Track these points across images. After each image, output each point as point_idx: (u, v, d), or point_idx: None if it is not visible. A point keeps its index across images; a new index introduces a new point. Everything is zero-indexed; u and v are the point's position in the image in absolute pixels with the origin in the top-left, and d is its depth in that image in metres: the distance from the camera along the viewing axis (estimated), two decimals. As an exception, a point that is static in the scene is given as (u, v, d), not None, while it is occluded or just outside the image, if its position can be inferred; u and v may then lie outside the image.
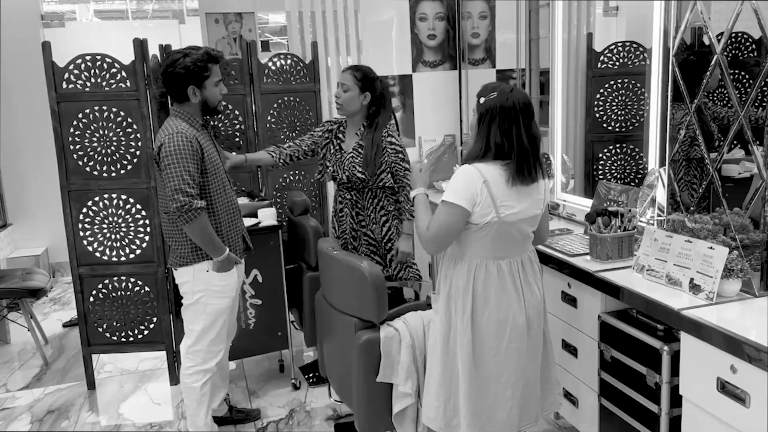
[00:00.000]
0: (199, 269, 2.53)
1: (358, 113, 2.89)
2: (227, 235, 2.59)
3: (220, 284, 2.56)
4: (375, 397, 2.28)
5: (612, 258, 2.32)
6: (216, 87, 2.54)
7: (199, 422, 2.66)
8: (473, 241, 1.98)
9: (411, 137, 4.20)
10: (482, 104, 1.95)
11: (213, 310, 2.58)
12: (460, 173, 1.96)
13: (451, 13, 4.13)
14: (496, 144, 1.92)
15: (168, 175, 2.38)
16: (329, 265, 2.46)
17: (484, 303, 2.00)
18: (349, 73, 2.84)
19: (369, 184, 2.87)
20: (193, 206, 2.38)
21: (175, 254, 2.56)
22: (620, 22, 3.15)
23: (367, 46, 4.01)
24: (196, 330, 2.60)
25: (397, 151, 2.86)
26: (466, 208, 1.92)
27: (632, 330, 2.09)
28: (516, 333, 2.01)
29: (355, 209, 2.94)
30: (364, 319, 2.30)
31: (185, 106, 2.51)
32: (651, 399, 2.02)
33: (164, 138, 2.41)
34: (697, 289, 1.95)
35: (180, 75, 2.44)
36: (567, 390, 2.51)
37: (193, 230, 2.43)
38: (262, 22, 6.38)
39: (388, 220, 2.94)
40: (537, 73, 3.44)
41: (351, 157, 2.88)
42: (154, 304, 3.34)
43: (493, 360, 2.02)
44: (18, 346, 4.11)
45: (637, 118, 2.96)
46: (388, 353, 2.24)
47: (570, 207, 3.07)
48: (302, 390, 3.31)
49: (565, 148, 3.19)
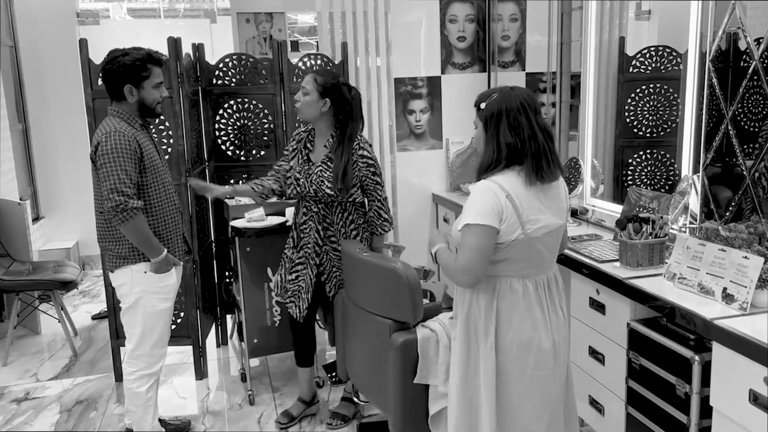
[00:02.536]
0: (137, 270, 2.50)
1: (320, 120, 2.73)
2: (166, 235, 2.57)
3: (158, 285, 2.54)
4: (411, 399, 2.27)
5: (642, 265, 2.30)
6: (155, 89, 2.52)
7: (146, 426, 2.64)
8: (497, 260, 1.86)
9: (438, 139, 4.20)
10: (485, 109, 1.86)
11: (152, 312, 2.56)
12: (479, 191, 1.83)
13: (481, 15, 4.11)
14: (508, 145, 1.82)
15: (104, 174, 2.37)
16: (357, 267, 2.46)
17: (507, 325, 1.88)
18: (311, 77, 2.70)
19: (339, 199, 2.72)
20: (129, 206, 2.37)
21: (110, 256, 2.53)
22: (652, 26, 3.11)
23: (397, 47, 4.02)
24: (136, 333, 2.57)
25: (369, 164, 2.72)
26: (494, 226, 1.80)
27: (662, 339, 2.06)
28: (542, 359, 1.89)
29: (323, 224, 2.77)
30: (398, 321, 2.29)
31: (122, 105, 2.50)
32: (680, 409, 1.99)
33: (101, 137, 2.40)
34: (730, 299, 1.91)
35: (118, 73, 2.44)
36: (592, 397, 2.49)
37: (129, 230, 2.41)
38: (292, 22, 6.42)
39: (358, 234, 2.80)
40: (568, 76, 3.41)
41: (320, 170, 2.71)
42: (182, 299, 3.38)
43: (515, 390, 1.90)
44: (48, 337, 4.20)
45: (669, 124, 2.91)
46: (425, 354, 2.21)
47: (599, 212, 3.04)
48: (325, 388, 3.32)
49: (595, 152, 3.16)
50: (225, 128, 3.63)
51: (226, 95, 3.57)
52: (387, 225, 2.82)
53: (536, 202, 1.85)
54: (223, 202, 3.52)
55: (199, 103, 3.54)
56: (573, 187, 3.07)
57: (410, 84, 4.12)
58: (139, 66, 2.45)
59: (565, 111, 3.47)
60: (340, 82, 2.73)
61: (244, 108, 3.59)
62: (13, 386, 3.50)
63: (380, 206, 2.80)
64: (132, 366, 2.60)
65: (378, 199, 2.79)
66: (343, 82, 2.75)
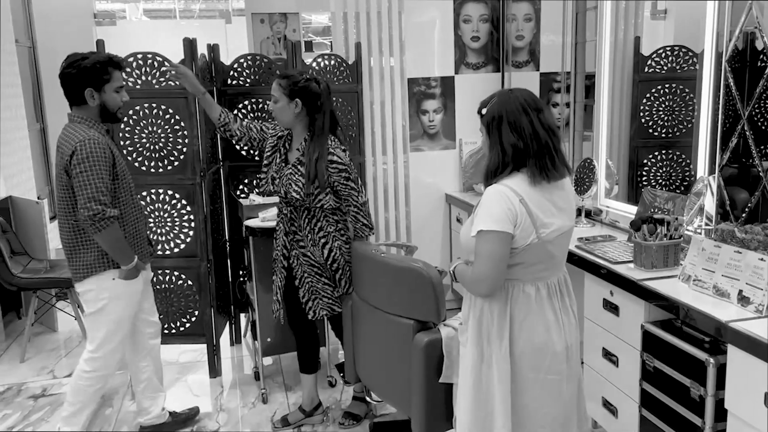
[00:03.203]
0: (105, 278, 2.51)
1: (296, 123, 2.66)
2: (133, 240, 2.59)
3: (124, 291, 2.56)
4: (435, 399, 2.27)
5: (657, 267, 2.28)
6: (116, 93, 2.51)
7: (77, 423, 2.66)
8: (510, 263, 1.83)
9: (451, 139, 4.20)
10: (486, 114, 1.86)
11: (117, 318, 2.58)
12: (492, 195, 1.81)
13: (495, 15, 4.11)
14: (511, 145, 1.80)
15: (80, 183, 2.36)
16: (373, 268, 2.46)
17: (520, 329, 1.87)
18: (276, 83, 2.63)
19: (305, 204, 2.65)
20: (106, 215, 2.37)
21: (77, 264, 2.51)
22: (668, 26, 3.09)
23: (410, 47, 4.02)
24: (98, 337, 2.58)
25: (340, 170, 2.61)
26: (509, 231, 1.77)
27: (677, 341, 2.05)
28: (555, 363, 1.88)
29: (291, 227, 2.73)
30: (419, 321, 2.30)
31: (83, 109, 2.48)
32: (694, 412, 1.98)
33: (76, 144, 2.37)
34: (745, 301, 1.90)
35: (78, 76, 2.42)
36: (605, 399, 2.48)
37: (105, 239, 2.42)
38: (306, 22, 6.45)
39: (327, 242, 2.70)
40: (582, 76, 3.40)
41: (290, 173, 2.65)
42: (197, 298, 3.41)
43: (530, 394, 1.89)
44: (65, 334, 4.25)
45: (685, 124, 2.89)
46: (450, 353, 2.21)
47: (613, 213, 3.03)
48: (338, 387, 3.34)
49: (609, 153, 3.14)
50: (239, 128, 3.65)
51: (240, 95, 3.59)
52: (366, 230, 2.71)
53: (548, 204, 1.84)
54: (237, 202, 3.55)
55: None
56: (587, 188, 3.06)
57: (424, 84, 4.12)
58: (99, 69, 2.44)
59: (579, 111, 3.45)
60: (306, 78, 2.64)
61: (259, 108, 3.61)
62: (31, 383, 3.55)
63: (357, 211, 2.69)
64: (89, 366, 2.62)
65: (355, 204, 2.67)
66: (309, 78, 2.65)
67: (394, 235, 4.12)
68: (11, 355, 3.93)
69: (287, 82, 2.62)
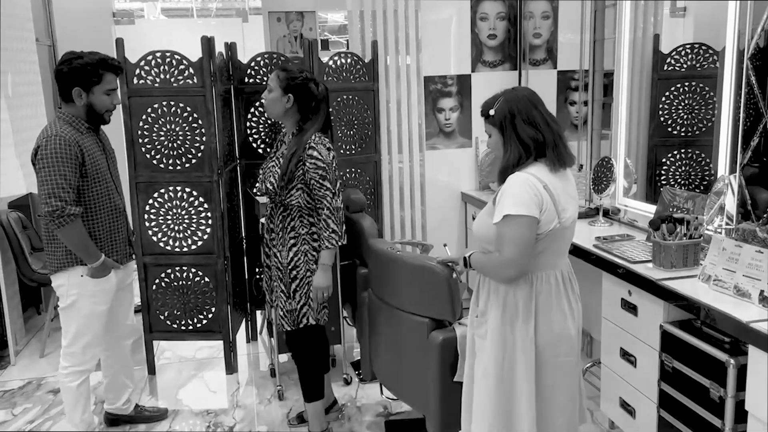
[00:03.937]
0: (74, 274, 2.53)
1: (286, 117, 2.62)
2: (107, 240, 2.59)
3: (94, 289, 2.56)
4: (449, 397, 2.27)
5: (676, 266, 2.26)
6: (106, 96, 2.51)
7: (76, 419, 2.68)
8: (535, 251, 1.88)
9: (468, 138, 4.19)
10: (496, 114, 1.91)
11: (87, 314, 2.58)
12: (516, 182, 1.85)
13: (512, 13, 4.08)
14: (532, 138, 1.87)
15: (42, 178, 2.38)
16: (390, 265, 2.46)
17: (544, 318, 1.93)
18: (275, 74, 2.60)
19: (278, 198, 2.57)
20: (65, 212, 2.38)
21: (50, 258, 2.55)
22: (688, 23, 3.06)
23: (427, 46, 4.01)
24: (70, 332, 2.60)
25: (318, 166, 2.50)
26: (535, 216, 1.82)
27: (697, 341, 2.03)
28: (570, 346, 1.97)
29: (270, 225, 2.66)
30: (435, 319, 2.30)
31: (70, 107, 2.50)
32: (714, 413, 1.96)
33: (42, 141, 2.39)
34: (767, 302, 1.87)
35: (68, 75, 2.45)
36: (623, 399, 2.46)
37: (66, 235, 2.43)
38: (322, 20, 6.46)
39: (296, 243, 2.57)
40: (601, 74, 3.37)
41: (272, 165, 2.61)
42: (213, 295, 3.44)
43: (551, 379, 1.96)
44: (83, 329, 4.30)
45: (704, 123, 2.86)
46: (464, 351, 2.22)
47: (631, 212, 3.00)
48: (353, 385, 3.34)
49: (627, 151, 3.11)
50: (256, 126, 3.67)
51: (257, 93, 3.60)
52: (335, 238, 2.53)
53: (562, 190, 1.90)
54: (254, 200, 3.57)
55: (231, 102, 3.59)
56: (605, 187, 3.03)
57: (440, 82, 4.11)
58: (89, 71, 2.47)
59: (597, 109, 3.43)
60: (305, 77, 2.60)
61: (275, 106, 3.62)
62: (50, 377, 3.60)
63: (329, 215, 2.52)
64: (65, 361, 2.64)
65: (328, 207, 2.52)
66: (308, 78, 2.61)
67: (410, 234, 4.12)
68: (31, 350, 3.98)
69: (285, 75, 2.59)
